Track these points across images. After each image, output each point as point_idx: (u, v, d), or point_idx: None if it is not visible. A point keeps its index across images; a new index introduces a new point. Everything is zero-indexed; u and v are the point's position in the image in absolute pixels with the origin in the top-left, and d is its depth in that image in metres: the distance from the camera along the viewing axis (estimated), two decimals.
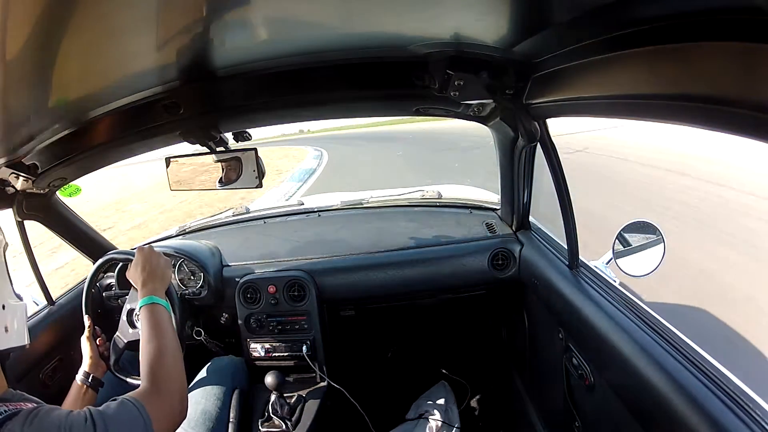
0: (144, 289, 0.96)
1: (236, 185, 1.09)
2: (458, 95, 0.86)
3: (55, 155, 1.04)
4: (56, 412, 0.63)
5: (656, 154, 6.92)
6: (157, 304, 0.93)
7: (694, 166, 5.70)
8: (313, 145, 20.19)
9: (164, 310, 0.93)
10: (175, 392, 0.79)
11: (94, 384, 1.06)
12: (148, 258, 1.04)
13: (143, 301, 0.93)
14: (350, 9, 0.61)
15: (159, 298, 0.94)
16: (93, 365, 1.09)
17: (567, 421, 1.14)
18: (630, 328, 0.83)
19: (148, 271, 1.01)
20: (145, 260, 1.03)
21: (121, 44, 0.61)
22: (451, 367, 1.89)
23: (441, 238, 1.49)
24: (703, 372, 0.69)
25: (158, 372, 0.79)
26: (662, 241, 1.08)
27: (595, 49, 0.60)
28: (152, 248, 1.07)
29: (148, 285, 0.98)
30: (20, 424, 0.59)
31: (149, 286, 0.97)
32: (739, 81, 0.42)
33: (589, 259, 1.17)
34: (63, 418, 0.62)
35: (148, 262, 1.03)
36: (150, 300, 0.93)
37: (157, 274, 1.01)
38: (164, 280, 1.03)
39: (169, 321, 0.93)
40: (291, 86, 0.90)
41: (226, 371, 1.33)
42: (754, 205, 4.14)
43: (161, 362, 0.81)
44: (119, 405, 0.68)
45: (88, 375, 1.06)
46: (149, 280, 0.99)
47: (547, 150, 1.04)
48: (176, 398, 0.78)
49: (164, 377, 0.79)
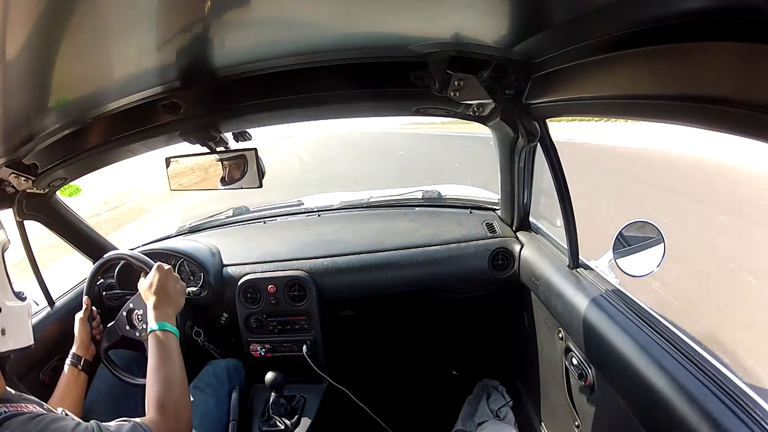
0: (156, 312, 0.94)
1: (237, 185, 1.09)
2: (458, 95, 0.86)
3: (55, 155, 1.04)
4: (62, 423, 0.62)
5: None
6: (168, 331, 0.92)
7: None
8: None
9: (174, 338, 0.92)
10: (184, 421, 0.81)
11: (85, 367, 1.07)
12: (165, 279, 1.01)
13: (156, 325, 0.92)
14: (350, 9, 0.61)
15: (171, 326, 0.93)
16: (83, 347, 1.10)
17: (567, 421, 1.14)
18: (630, 328, 0.83)
19: (163, 294, 0.98)
20: (163, 281, 1.01)
21: (122, 44, 0.61)
22: (450, 367, 1.89)
23: (441, 238, 1.49)
24: (703, 372, 0.69)
25: (168, 401, 0.80)
26: (662, 241, 1.08)
27: (595, 49, 0.60)
28: (171, 270, 1.04)
29: (160, 309, 0.95)
30: (21, 426, 0.58)
31: (162, 311, 0.95)
32: (739, 81, 0.42)
33: (589, 259, 1.17)
34: (69, 430, 0.61)
35: (165, 284, 1.00)
36: (162, 326, 0.91)
37: (171, 298, 0.99)
38: (177, 306, 1.00)
39: (179, 349, 0.92)
40: (291, 86, 0.90)
41: (224, 373, 1.33)
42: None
43: (171, 392, 0.82)
44: (131, 428, 0.69)
45: (79, 358, 1.07)
46: (163, 304, 0.97)
47: (547, 150, 1.04)
48: (184, 427, 0.80)
49: (174, 406, 0.80)
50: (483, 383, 1.69)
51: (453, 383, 1.82)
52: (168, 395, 0.81)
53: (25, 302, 0.77)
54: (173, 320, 0.95)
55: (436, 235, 1.51)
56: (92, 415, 1.14)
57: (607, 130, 10.93)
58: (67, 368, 1.07)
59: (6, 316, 0.70)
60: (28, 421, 0.59)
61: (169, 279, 1.02)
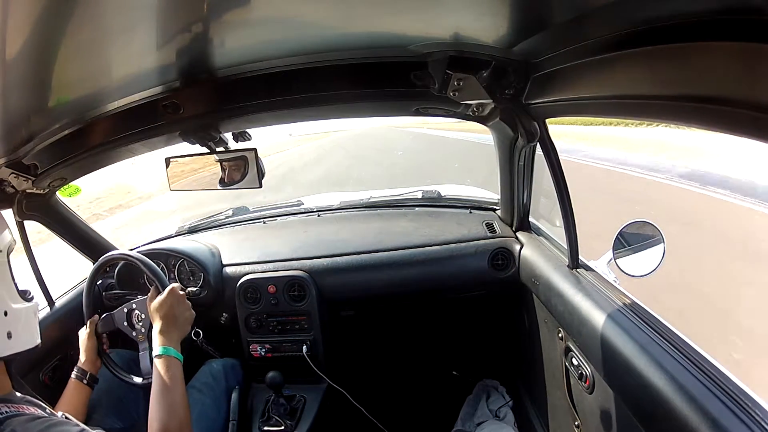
0: (162, 337, 0.95)
1: (236, 185, 1.09)
2: (458, 95, 0.86)
3: (55, 155, 1.04)
4: (65, 427, 0.62)
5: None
6: (174, 357, 0.93)
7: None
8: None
9: (179, 364, 0.93)
10: None
11: (90, 381, 1.09)
12: (176, 304, 1.02)
13: (161, 350, 0.93)
14: (350, 9, 0.61)
15: (175, 351, 0.94)
16: (90, 362, 1.11)
17: (567, 421, 1.14)
18: (630, 328, 0.83)
19: (172, 320, 0.99)
20: (174, 305, 1.01)
21: (121, 44, 0.61)
22: (450, 367, 1.89)
23: (441, 238, 1.49)
24: (703, 372, 0.69)
25: (171, 427, 0.82)
26: (662, 241, 1.08)
27: (594, 49, 0.60)
28: (184, 296, 1.05)
29: (168, 335, 0.96)
30: (21, 425, 0.58)
31: (169, 337, 0.96)
32: (739, 81, 0.42)
33: (589, 259, 1.17)
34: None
35: (175, 309, 1.01)
36: (166, 351, 0.92)
37: (179, 323, 1.00)
38: (183, 333, 1.01)
39: (182, 375, 0.93)
40: (291, 86, 0.90)
41: (220, 372, 1.33)
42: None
43: (174, 417, 0.84)
44: None
45: (84, 372, 1.09)
46: (170, 329, 0.97)
47: (546, 150, 1.04)
48: None
49: (178, 431, 0.83)
50: (483, 383, 1.69)
51: (453, 383, 1.82)
52: (171, 420, 0.83)
53: (32, 303, 0.76)
54: (178, 346, 0.96)
55: (436, 235, 1.51)
56: (93, 415, 1.15)
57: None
58: (72, 381, 1.07)
59: (12, 319, 0.70)
60: (28, 422, 0.59)
61: (180, 305, 1.03)
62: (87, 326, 1.16)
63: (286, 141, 26.01)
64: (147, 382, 1.20)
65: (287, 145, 22.74)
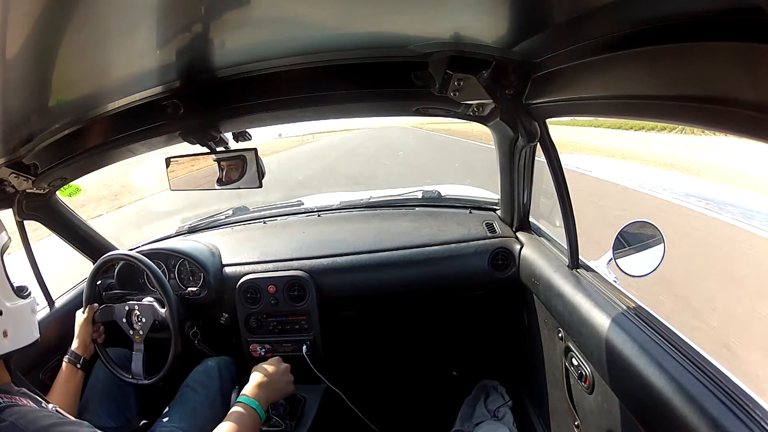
0: (257, 390, 0.98)
1: (236, 185, 1.09)
2: (458, 95, 0.86)
3: (55, 155, 1.04)
4: (66, 428, 0.61)
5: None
6: (257, 412, 0.94)
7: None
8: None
9: (258, 420, 0.94)
10: None
11: (83, 366, 1.13)
12: (283, 373, 1.06)
13: (249, 400, 0.94)
14: (350, 9, 0.61)
15: (261, 410, 0.95)
16: (83, 347, 1.15)
17: (567, 421, 1.14)
18: (630, 328, 0.83)
19: (272, 383, 1.02)
20: (281, 372, 1.06)
21: (122, 44, 0.61)
22: (450, 367, 1.89)
23: (441, 238, 1.49)
24: (703, 372, 0.69)
25: None
26: (662, 241, 1.08)
27: (594, 49, 0.60)
28: (288, 369, 1.09)
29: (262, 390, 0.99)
30: (23, 417, 0.58)
31: (262, 394, 0.98)
32: (739, 81, 0.42)
33: (589, 259, 1.17)
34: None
35: (280, 376, 1.05)
36: (253, 404, 0.94)
37: (276, 389, 1.04)
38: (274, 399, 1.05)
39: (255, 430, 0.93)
40: (291, 86, 0.90)
41: (214, 370, 1.34)
42: None
43: None
44: None
45: (78, 357, 1.12)
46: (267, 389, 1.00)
47: (547, 150, 1.04)
48: None
49: None
50: (482, 383, 1.69)
51: (453, 383, 1.82)
52: None
53: (28, 299, 0.76)
54: (265, 406, 0.98)
55: (436, 235, 1.51)
56: (87, 411, 1.16)
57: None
58: (65, 366, 1.10)
59: (7, 318, 0.70)
60: (27, 413, 0.60)
61: (285, 376, 1.07)
62: (86, 312, 1.17)
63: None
64: (137, 382, 1.21)
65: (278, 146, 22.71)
